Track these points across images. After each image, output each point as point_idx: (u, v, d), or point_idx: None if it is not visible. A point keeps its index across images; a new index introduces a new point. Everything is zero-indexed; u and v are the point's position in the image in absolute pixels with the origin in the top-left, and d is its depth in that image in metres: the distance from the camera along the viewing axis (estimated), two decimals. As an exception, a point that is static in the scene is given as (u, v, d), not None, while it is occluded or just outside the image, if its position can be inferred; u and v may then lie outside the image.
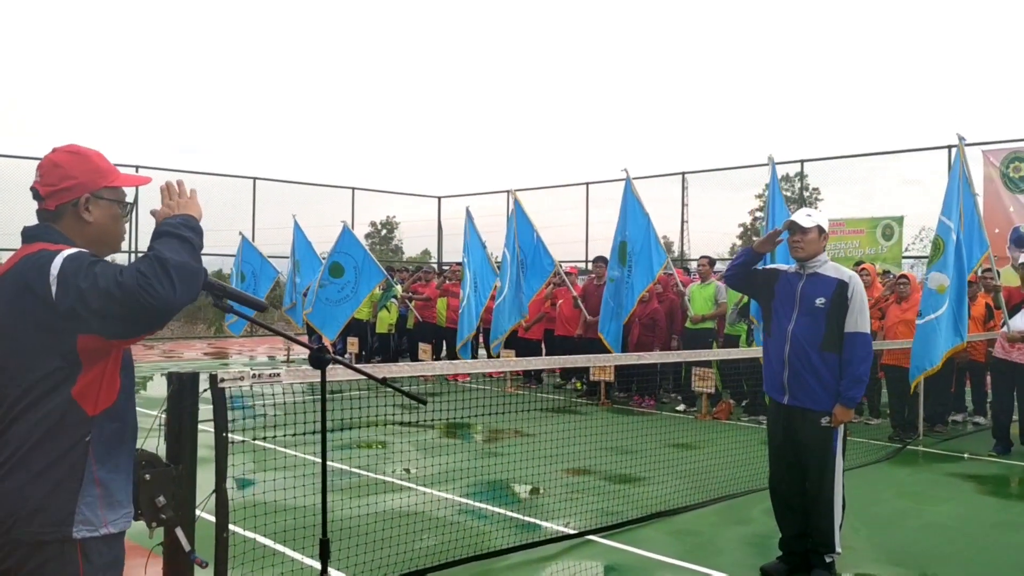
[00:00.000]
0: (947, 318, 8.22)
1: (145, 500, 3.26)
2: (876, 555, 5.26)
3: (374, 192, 27.56)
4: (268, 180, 24.71)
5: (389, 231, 55.78)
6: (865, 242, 18.01)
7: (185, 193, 2.46)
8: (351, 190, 26.18)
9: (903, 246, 18.13)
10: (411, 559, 4.94)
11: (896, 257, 17.69)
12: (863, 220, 19.02)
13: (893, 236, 17.81)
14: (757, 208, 48.96)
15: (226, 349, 20.38)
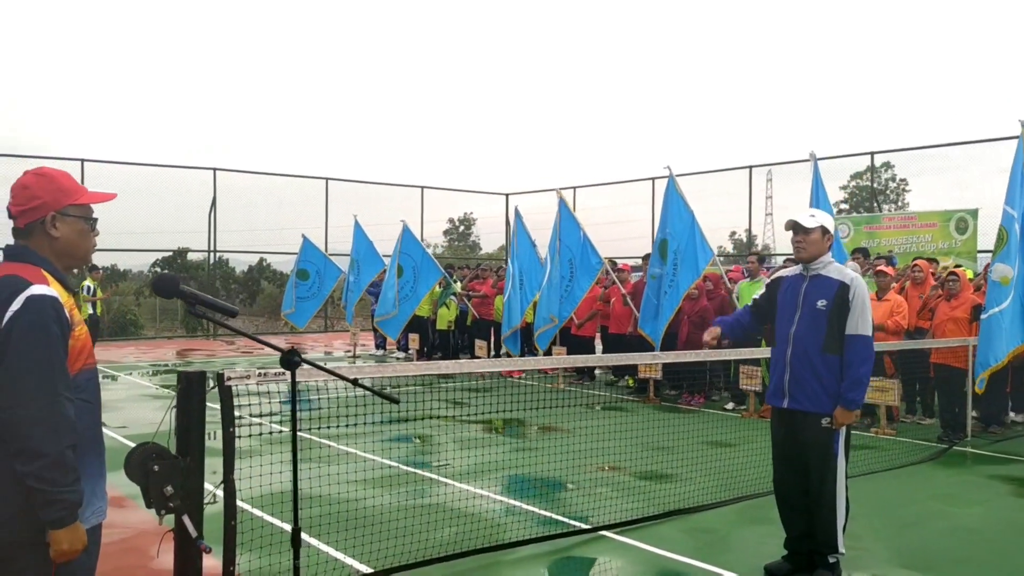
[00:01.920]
0: (1012, 311, 7.96)
1: (154, 490, 3.53)
2: (889, 556, 5.22)
3: (443, 191, 27.96)
4: (340, 180, 25.37)
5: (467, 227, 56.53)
6: (938, 236, 17.47)
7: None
8: (420, 189, 26.67)
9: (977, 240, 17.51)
10: (424, 549, 5.13)
11: (971, 251, 17.11)
12: (935, 213, 18.43)
13: (967, 230, 17.22)
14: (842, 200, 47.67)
15: (302, 344, 21.04)
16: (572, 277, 11.55)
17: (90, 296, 15.92)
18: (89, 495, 2.57)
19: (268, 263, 29.01)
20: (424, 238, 34.65)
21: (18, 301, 2.40)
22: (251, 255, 28.80)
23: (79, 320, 2.59)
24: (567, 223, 11.64)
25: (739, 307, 10.60)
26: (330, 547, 5.21)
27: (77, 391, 2.54)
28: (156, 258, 27.11)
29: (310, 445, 8.31)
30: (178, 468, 3.65)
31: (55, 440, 2.36)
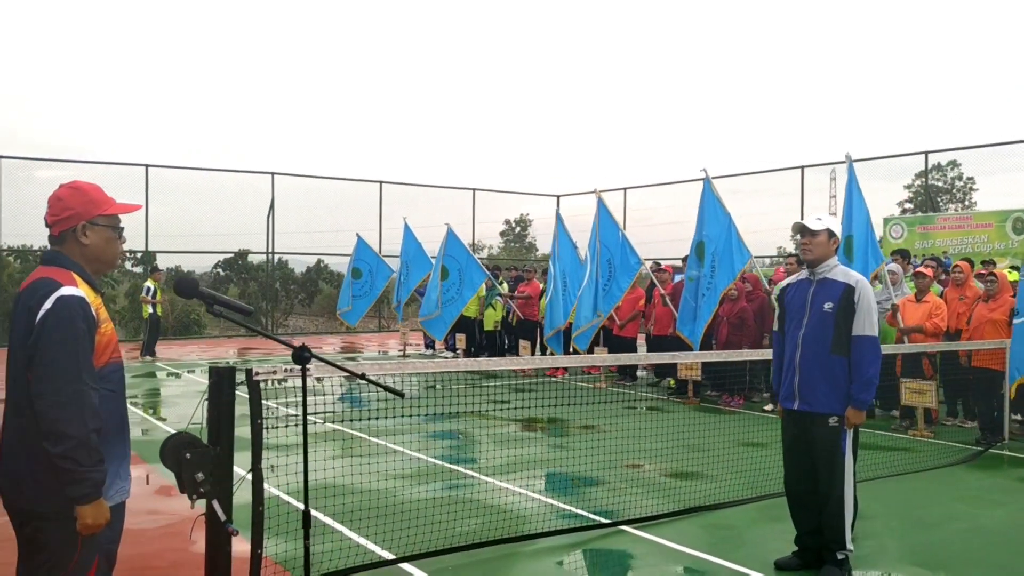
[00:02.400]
0: None
1: (186, 476, 3.84)
2: (902, 555, 5.29)
3: (494, 192, 28.26)
4: (393, 183, 25.85)
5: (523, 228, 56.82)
6: (994, 236, 17.15)
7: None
8: (472, 191, 27.01)
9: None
10: (447, 538, 5.36)
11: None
12: (991, 213, 18.09)
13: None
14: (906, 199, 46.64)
15: (357, 343, 21.56)
16: (611, 277, 11.69)
17: (150, 298, 16.58)
18: (113, 476, 2.87)
19: (325, 264, 29.69)
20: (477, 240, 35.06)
21: (49, 301, 2.70)
22: (309, 257, 29.51)
23: (105, 318, 2.89)
24: (606, 223, 11.80)
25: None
26: (358, 534, 5.49)
27: (103, 381, 2.84)
28: (218, 260, 28.06)
29: (353, 441, 8.63)
30: (208, 456, 3.95)
31: (80, 424, 2.65)
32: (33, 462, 2.72)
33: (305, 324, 31.15)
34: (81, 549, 2.77)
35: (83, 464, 2.67)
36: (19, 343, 2.74)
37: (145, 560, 5.13)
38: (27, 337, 2.71)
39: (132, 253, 24.44)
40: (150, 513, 6.01)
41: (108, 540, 2.90)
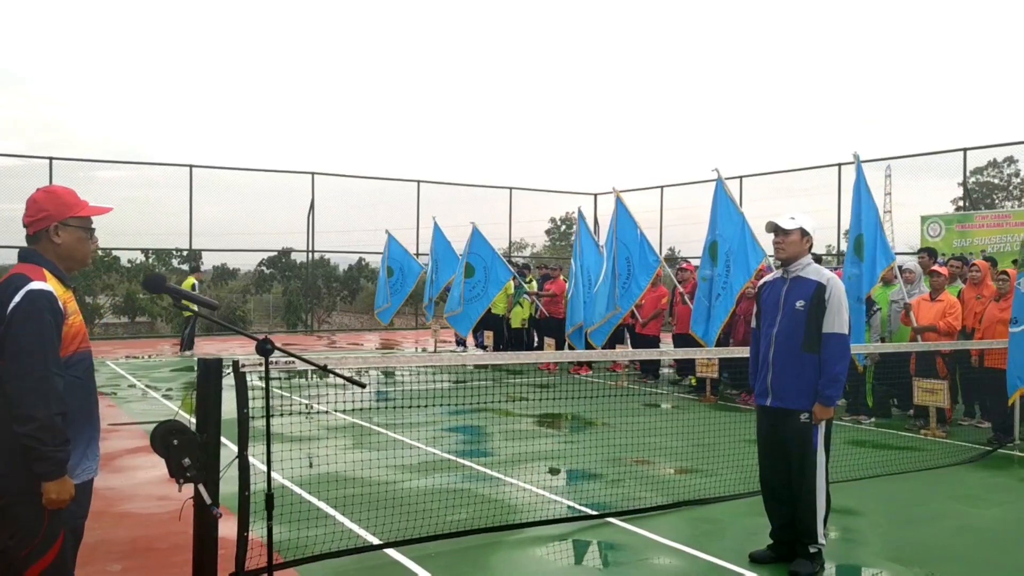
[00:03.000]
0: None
1: (174, 461, 4.11)
2: (882, 550, 5.34)
3: (531, 191, 28.42)
4: (430, 183, 26.18)
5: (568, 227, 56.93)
6: (1037, 233, 16.79)
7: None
8: (508, 190, 27.22)
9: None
10: (436, 528, 5.56)
11: (1069, 251, 16.39)
12: (1035, 210, 17.74)
13: (1068, 228, 16.52)
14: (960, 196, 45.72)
15: (394, 339, 21.95)
16: (630, 275, 11.79)
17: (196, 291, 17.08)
18: (80, 456, 3.12)
19: (367, 263, 30.15)
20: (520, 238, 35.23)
21: (19, 295, 2.96)
22: (351, 255, 29.99)
23: (73, 311, 3.14)
24: (624, 222, 11.89)
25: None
26: (352, 521, 5.72)
27: (70, 369, 3.09)
28: (262, 258, 28.65)
29: (367, 434, 8.89)
30: (195, 443, 4.20)
31: (45, 407, 2.90)
32: (4, 442, 2.97)
33: (350, 321, 31.69)
34: (48, 522, 3.03)
35: (47, 444, 2.92)
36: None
37: (148, 542, 5.42)
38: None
39: (178, 251, 25.18)
40: (159, 499, 6.33)
41: (74, 516, 3.15)
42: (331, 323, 29.43)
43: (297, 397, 11.23)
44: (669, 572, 5.00)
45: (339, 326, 29.09)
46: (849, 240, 9.62)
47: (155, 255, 26.33)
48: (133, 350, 18.54)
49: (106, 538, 5.45)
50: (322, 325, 28.14)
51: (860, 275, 9.45)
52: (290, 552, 5.10)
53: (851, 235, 9.56)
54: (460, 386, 12.93)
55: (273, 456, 6.67)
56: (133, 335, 24.01)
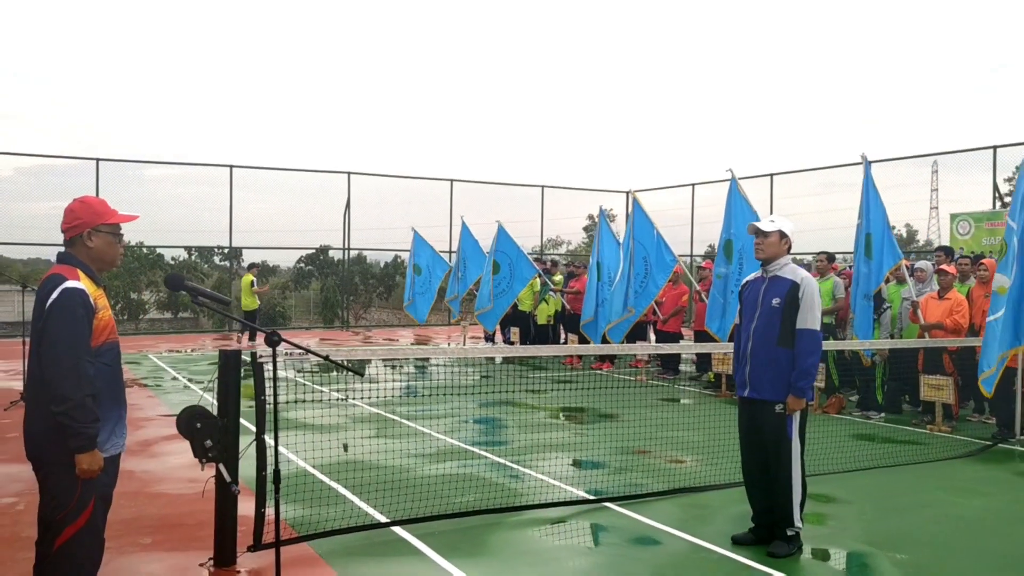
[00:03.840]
0: (1004, 319, 8.04)
1: (197, 442, 4.57)
2: (861, 535, 5.63)
3: (563, 189, 28.73)
4: (463, 181, 26.64)
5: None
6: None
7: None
8: (540, 188, 27.57)
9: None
10: (443, 509, 5.97)
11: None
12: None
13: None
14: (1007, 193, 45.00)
15: (427, 335, 22.48)
16: (647, 274, 12.10)
17: (254, 287, 18.05)
18: (109, 433, 3.58)
19: (402, 260, 30.73)
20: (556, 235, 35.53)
21: (56, 291, 3.42)
22: (387, 252, 30.59)
23: (104, 306, 3.60)
24: (641, 222, 12.20)
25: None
26: (366, 503, 6.16)
27: (100, 357, 3.54)
28: (301, 255, 29.39)
29: (388, 423, 9.36)
30: (217, 426, 4.66)
31: (77, 390, 3.36)
32: (44, 420, 3.44)
33: (388, 317, 32.28)
34: (80, 490, 3.49)
35: (79, 421, 3.37)
36: (36, 327, 3.48)
37: (178, 519, 5.91)
38: (39, 321, 3.43)
39: (219, 249, 25.98)
40: (189, 481, 6.82)
41: (104, 484, 3.61)
42: (368, 319, 30.07)
43: (326, 389, 11.74)
44: (654, 552, 5.34)
45: (376, 322, 29.70)
46: (858, 239, 9.83)
47: (198, 252, 27.21)
48: (175, 344, 19.25)
49: (140, 514, 5.96)
50: (359, 321, 28.76)
51: (869, 273, 9.67)
52: (304, 529, 5.55)
53: (860, 234, 9.77)
54: (484, 380, 13.35)
55: (299, 443, 7.22)
56: (178, 330, 24.82)
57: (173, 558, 5.11)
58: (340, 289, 27.25)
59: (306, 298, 32.01)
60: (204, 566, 4.93)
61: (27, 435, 3.52)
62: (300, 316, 31.18)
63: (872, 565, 5.09)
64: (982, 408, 10.01)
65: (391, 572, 4.92)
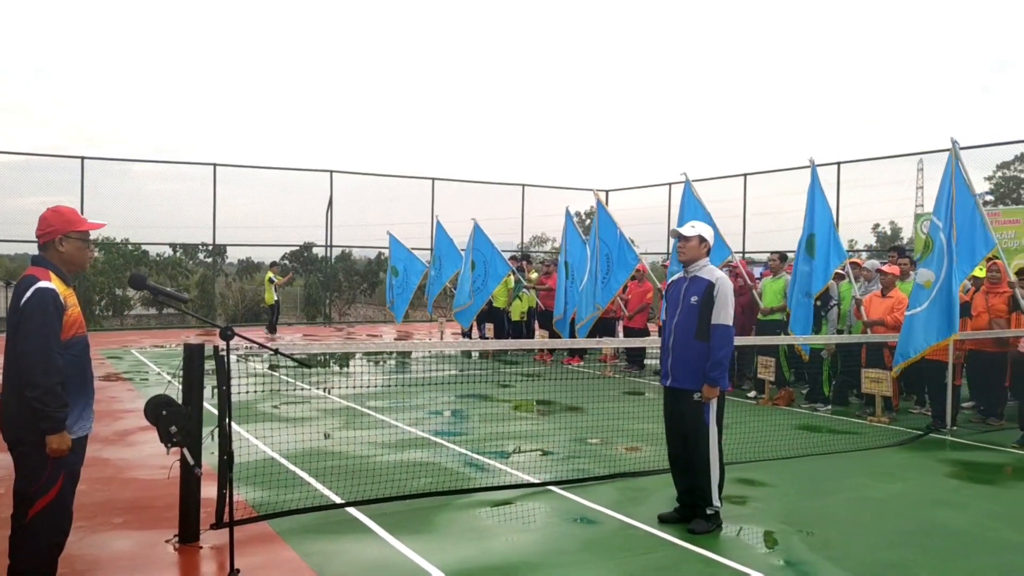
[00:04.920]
0: (930, 312, 8.56)
1: (163, 429, 5.02)
2: (779, 515, 6.12)
3: (542, 188, 29.19)
4: (445, 180, 27.09)
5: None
6: (1021, 232, 17.32)
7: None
8: (521, 186, 28.04)
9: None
10: (393, 491, 6.43)
11: (1073, 248, 16.91)
12: (1019, 210, 18.38)
13: (1069, 226, 17.06)
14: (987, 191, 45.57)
15: (408, 331, 22.92)
16: (609, 271, 12.58)
17: (273, 283, 20.88)
18: (76, 416, 4.02)
19: (385, 257, 31.11)
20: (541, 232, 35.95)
21: (30, 291, 3.87)
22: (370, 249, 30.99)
23: (72, 304, 4.04)
24: (605, 222, 12.68)
25: (762, 305, 11.40)
26: (324, 486, 6.62)
27: (69, 350, 3.99)
28: (284, 252, 29.75)
29: (355, 414, 9.82)
30: (181, 414, 5.12)
31: (48, 378, 3.80)
32: (20, 405, 3.88)
33: (373, 313, 32.68)
34: (51, 467, 3.93)
35: (49, 406, 3.82)
36: (12, 322, 3.92)
37: (148, 501, 6.36)
38: (15, 316, 3.88)
39: (204, 246, 26.33)
40: (161, 468, 7.23)
41: (72, 463, 4.05)
42: (352, 315, 30.46)
43: (302, 383, 12.19)
44: (587, 530, 5.81)
45: (362, 318, 30.09)
46: (801, 239, 10.33)
47: (182, 249, 27.53)
48: (160, 339, 19.64)
49: (113, 497, 6.40)
50: (343, 317, 29.16)
51: (811, 272, 10.16)
52: (265, 509, 6.00)
53: (803, 234, 10.27)
54: (456, 375, 13.82)
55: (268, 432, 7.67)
56: (164, 326, 25.16)
57: (141, 536, 5.56)
58: (323, 286, 27.65)
59: (290, 295, 32.36)
60: (169, 542, 5.38)
61: (4, 418, 3.96)
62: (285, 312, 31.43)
63: (782, 541, 5.58)
64: (923, 401, 10.53)
65: (342, 548, 5.36)
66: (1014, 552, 5.39)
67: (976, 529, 5.85)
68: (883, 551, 5.36)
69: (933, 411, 9.58)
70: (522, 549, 5.38)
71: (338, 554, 5.22)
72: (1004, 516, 6.19)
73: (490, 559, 5.17)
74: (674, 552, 5.33)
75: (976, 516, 6.16)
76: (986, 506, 6.45)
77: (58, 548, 4.11)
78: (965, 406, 10.46)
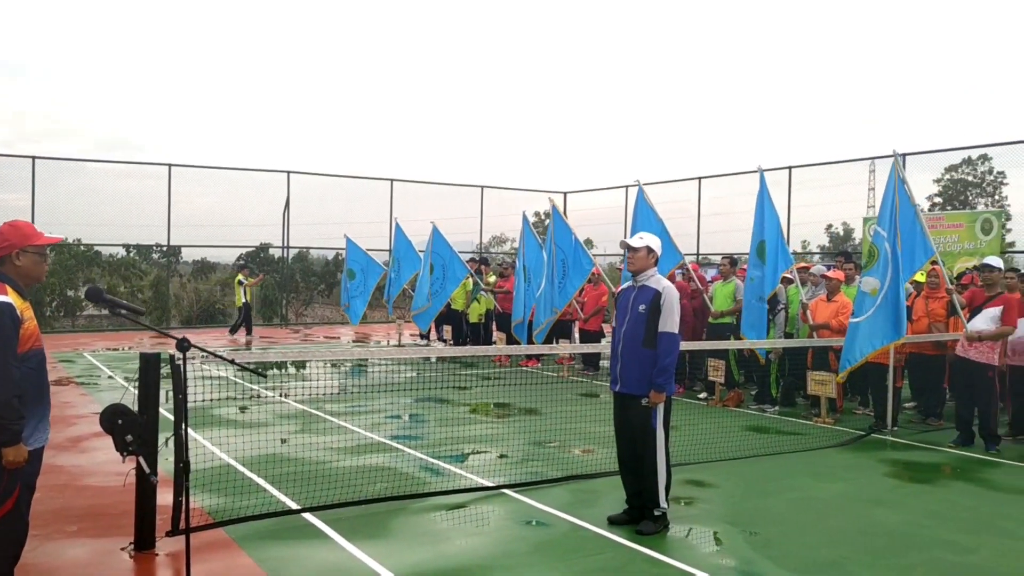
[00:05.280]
0: (875, 318, 8.89)
1: (118, 437, 5.06)
2: (724, 514, 6.33)
3: (502, 189, 29.35)
4: (404, 181, 27.10)
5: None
6: (964, 236, 17.90)
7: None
8: (480, 188, 28.17)
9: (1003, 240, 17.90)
10: (349, 496, 6.52)
11: (996, 252, 17.48)
12: (962, 215, 19.01)
13: (992, 231, 17.62)
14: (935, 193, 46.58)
15: (369, 334, 22.91)
16: (565, 276, 12.78)
17: (243, 285, 20.61)
18: (33, 428, 4.07)
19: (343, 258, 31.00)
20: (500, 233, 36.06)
21: None
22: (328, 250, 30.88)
23: (29, 317, 4.09)
24: (560, 227, 12.87)
25: (713, 308, 11.67)
26: (280, 492, 6.69)
27: (25, 363, 4.03)
28: (240, 253, 29.52)
29: (312, 419, 9.86)
30: (137, 422, 5.16)
31: (3, 391, 3.85)
32: None
33: (330, 314, 32.55)
34: (6, 479, 3.98)
35: (4, 418, 3.86)
36: None
37: (102, 509, 6.37)
38: None
39: (158, 247, 26.02)
40: (116, 475, 7.25)
41: (28, 474, 4.10)
42: (309, 316, 30.33)
43: (258, 387, 12.18)
44: (538, 532, 5.96)
45: (318, 319, 29.97)
46: (752, 245, 10.61)
47: (136, 250, 27.18)
48: (113, 342, 19.41)
49: (67, 505, 6.40)
50: (300, 318, 29.02)
51: (762, 277, 10.45)
52: (221, 516, 6.06)
53: (754, 240, 10.55)
54: (414, 377, 13.91)
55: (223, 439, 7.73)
56: (117, 327, 24.84)
57: (96, 543, 5.59)
58: (280, 287, 27.51)
59: (252, 295, 32.09)
60: (125, 550, 5.42)
61: None
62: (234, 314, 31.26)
63: (726, 541, 5.78)
64: (867, 402, 10.87)
65: (298, 554, 5.45)
66: (944, 549, 5.66)
67: (910, 527, 6.12)
68: (821, 550, 5.59)
69: (875, 412, 9.92)
70: (475, 552, 5.51)
71: (294, 560, 5.31)
72: (938, 514, 6.47)
73: (444, 563, 5.30)
74: (622, 553, 5.50)
75: (911, 515, 6.44)
76: (922, 505, 6.73)
77: (15, 559, 4.16)
78: (907, 406, 10.83)
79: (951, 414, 9.89)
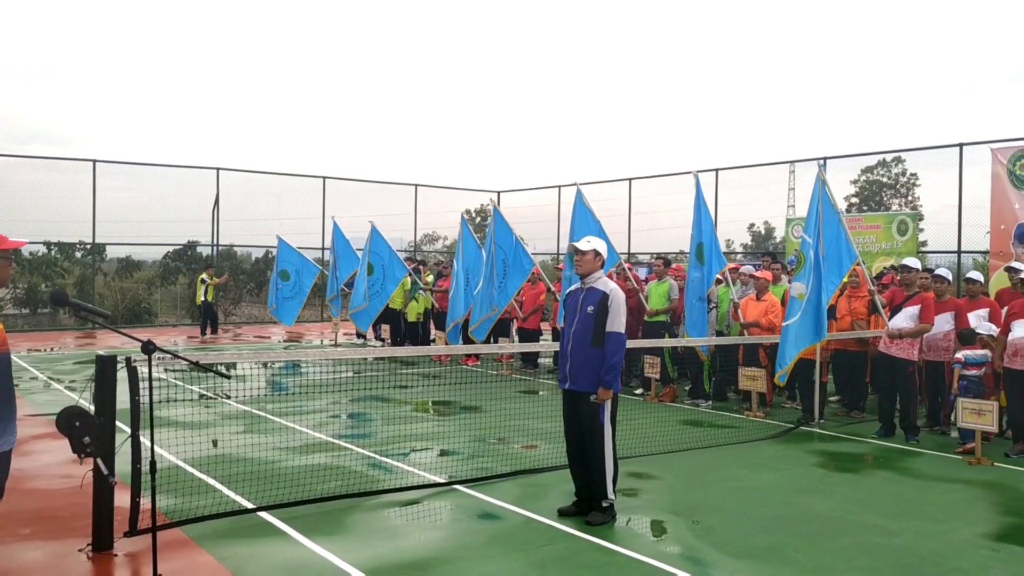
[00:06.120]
0: (802, 322, 9.39)
1: (76, 439, 5.07)
2: (667, 505, 6.65)
3: (436, 188, 29.42)
4: (336, 179, 26.96)
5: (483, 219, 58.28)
6: (881, 237, 18.74)
7: None
8: (414, 187, 28.20)
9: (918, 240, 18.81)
10: (303, 494, 6.62)
11: (911, 251, 18.34)
12: (879, 216, 19.90)
13: (907, 232, 18.48)
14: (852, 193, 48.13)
15: (302, 333, 22.75)
16: (506, 275, 13.01)
17: (206, 284, 21.20)
18: (1, 432, 4.10)
19: (273, 256, 30.64)
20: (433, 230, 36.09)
21: None
22: (257, 248, 30.49)
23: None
24: (500, 227, 13.10)
25: (648, 307, 12.04)
26: (233, 492, 6.74)
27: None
28: (167, 251, 28.94)
29: (257, 419, 9.87)
30: (95, 424, 5.17)
31: None
32: None
33: (260, 313, 32.12)
34: None
35: None
36: None
37: (52, 512, 6.33)
38: None
39: (81, 244, 25.34)
40: (62, 477, 7.22)
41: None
42: (238, 315, 29.89)
43: (197, 388, 12.08)
44: (491, 525, 6.16)
45: (249, 318, 29.58)
46: (691, 247, 11.00)
47: (58, 247, 26.41)
48: (35, 343, 18.88)
49: (15, 509, 6.32)
50: (229, 317, 28.59)
51: (702, 277, 10.86)
52: (176, 516, 6.10)
53: (693, 243, 10.95)
54: (354, 377, 13.96)
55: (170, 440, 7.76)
56: (35, 327, 24.11)
57: (52, 546, 5.58)
58: (209, 285, 27.03)
59: (172, 294, 31.45)
60: (83, 551, 5.43)
61: None
62: (166, 311, 30.60)
63: (670, 529, 6.09)
64: (795, 396, 11.38)
65: (258, 551, 5.54)
66: (872, 532, 6.06)
67: (839, 513, 6.52)
68: (758, 536, 5.93)
69: (803, 406, 10.41)
70: (432, 545, 5.68)
71: (255, 557, 5.40)
72: (864, 501, 6.90)
73: (403, 556, 5.46)
74: (573, 543, 5.75)
75: (839, 501, 6.85)
76: (848, 492, 7.16)
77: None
78: (832, 400, 11.38)
79: (873, 407, 10.45)
